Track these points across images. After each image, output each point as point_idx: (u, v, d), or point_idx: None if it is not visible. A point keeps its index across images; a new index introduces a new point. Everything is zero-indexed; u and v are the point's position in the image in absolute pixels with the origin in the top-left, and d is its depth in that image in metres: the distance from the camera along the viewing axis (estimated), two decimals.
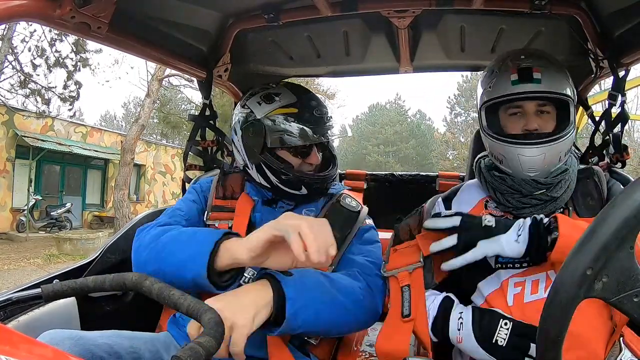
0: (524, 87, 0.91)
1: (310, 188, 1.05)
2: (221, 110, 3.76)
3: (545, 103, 0.94)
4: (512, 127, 0.96)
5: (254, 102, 1.08)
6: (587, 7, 1.14)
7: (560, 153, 0.93)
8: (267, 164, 1.04)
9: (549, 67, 0.94)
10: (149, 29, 1.18)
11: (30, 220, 10.57)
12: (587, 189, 0.98)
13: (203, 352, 0.53)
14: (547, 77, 0.92)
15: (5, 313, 0.88)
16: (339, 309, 0.86)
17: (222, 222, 1.05)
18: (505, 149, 0.95)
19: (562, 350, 0.45)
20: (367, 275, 0.95)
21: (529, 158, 0.92)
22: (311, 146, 1.05)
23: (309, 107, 1.05)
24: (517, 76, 0.92)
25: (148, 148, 14.32)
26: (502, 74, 0.95)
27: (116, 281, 0.77)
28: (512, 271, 0.91)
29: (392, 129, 36.50)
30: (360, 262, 0.98)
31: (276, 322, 0.77)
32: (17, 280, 5.79)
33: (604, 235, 0.41)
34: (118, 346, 0.86)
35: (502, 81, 0.94)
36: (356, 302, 0.89)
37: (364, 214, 1.10)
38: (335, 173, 1.12)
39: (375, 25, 1.33)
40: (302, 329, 0.81)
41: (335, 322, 0.87)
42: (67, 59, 9.44)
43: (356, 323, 0.92)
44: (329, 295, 0.85)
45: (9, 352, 0.40)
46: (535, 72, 0.91)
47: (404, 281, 0.94)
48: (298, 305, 0.77)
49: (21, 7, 0.77)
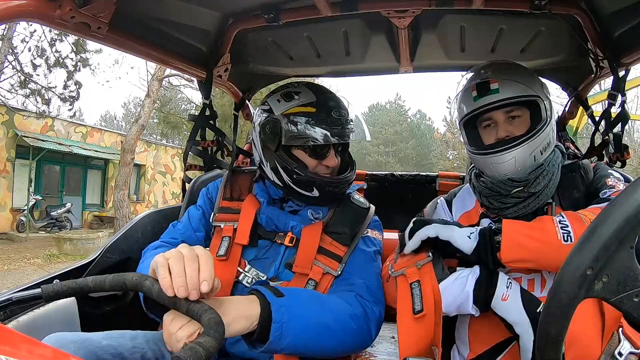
0: (483, 100, 0.98)
1: (322, 190, 1.03)
2: (221, 110, 3.76)
3: (512, 109, 0.98)
4: (487, 139, 1.02)
5: (274, 99, 1.07)
6: (587, 7, 1.14)
7: (534, 152, 0.96)
8: (281, 162, 1.03)
9: (506, 74, 0.98)
10: (149, 29, 1.18)
11: (30, 220, 10.56)
12: (573, 182, 1.00)
13: (203, 352, 0.53)
14: (505, 85, 0.96)
15: (5, 313, 0.88)
16: (328, 335, 0.83)
17: (228, 224, 1.05)
18: (479, 160, 1.01)
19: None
20: (365, 300, 0.93)
21: (500, 165, 0.97)
22: (328, 148, 1.03)
23: (327, 107, 1.02)
24: (476, 92, 0.99)
25: (148, 148, 14.32)
26: (466, 91, 1.03)
27: (116, 281, 0.77)
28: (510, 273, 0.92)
29: (392, 129, 36.51)
30: (359, 285, 0.96)
31: (259, 339, 0.76)
32: (17, 280, 5.79)
33: (605, 235, 0.41)
34: (121, 347, 0.87)
35: (466, 99, 1.02)
36: (348, 329, 0.86)
37: (372, 210, 1.11)
38: (352, 178, 1.09)
39: (375, 25, 1.33)
40: (286, 352, 0.79)
41: (323, 347, 0.84)
42: (67, 59, 9.46)
43: (345, 350, 0.90)
44: (319, 320, 0.82)
45: (9, 352, 0.40)
46: (493, 84, 0.97)
47: (413, 277, 0.92)
48: (284, 329, 0.75)
49: (21, 7, 0.77)
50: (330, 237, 1.02)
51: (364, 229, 1.06)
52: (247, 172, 1.20)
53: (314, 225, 1.03)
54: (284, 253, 1.02)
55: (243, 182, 1.15)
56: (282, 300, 0.78)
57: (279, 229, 1.05)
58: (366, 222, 1.07)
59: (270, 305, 0.76)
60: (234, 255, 1.02)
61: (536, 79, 1.01)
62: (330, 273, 0.98)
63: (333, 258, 1.00)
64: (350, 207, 1.09)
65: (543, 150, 0.97)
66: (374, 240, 1.07)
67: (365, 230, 1.06)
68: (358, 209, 1.09)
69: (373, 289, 0.97)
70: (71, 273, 1.16)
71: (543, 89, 1.00)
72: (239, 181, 1.16)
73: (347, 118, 1.04)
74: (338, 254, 1.00)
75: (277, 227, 1.05)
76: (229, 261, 1.01)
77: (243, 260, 1.03)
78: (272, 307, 0.75)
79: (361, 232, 1.05)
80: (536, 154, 0.96)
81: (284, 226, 1.04)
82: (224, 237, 1.04)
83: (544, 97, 0.98)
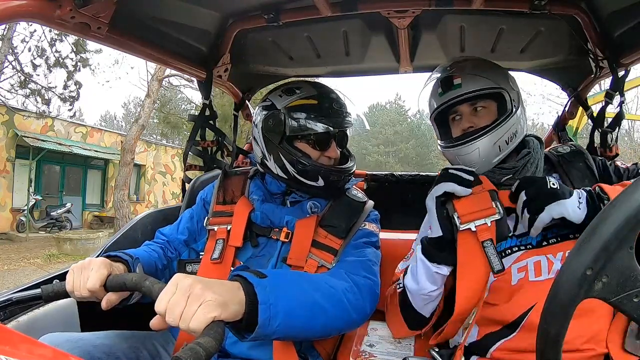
0: (447, 96, 1.03)
1: (327, 180, 1.05)
2: (221, 110, 3.76)
3: (477, 101, 1.01)
4: (455, 131, 1.06)
5: (275, 95, 1.09)
6: (587, 7, 1.14)
7: (498, 142, 0.98)
8: (285, 153, 1.04)
9: (468, 69, 1.03)
10: (149, 29, 1.18)
11: (30, 220, 10.56)
12: (582, 172, 1.00)
13: (203, 352, 0.53)
14: (467, 79, 1.01)
15: (5, 313, 0.88)
16: (320, 313, 0.80)
17: (221, 227, 1.07)
18: (447, 153, 1.06)
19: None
20: (354, 275, 0.92)
21: (464, 156, 1.00)
22: (330, 139, 1.06)
23: (328, 99, 1.07)
24: (441, 88, 1.04)
25: (148, 148, 14.32)
26: (433, 88, 1.09)
27: (116, 281, 0.78)
28: (512, 257, 0.91)
29: (392, 129, 36.51)
30: (349, 261, 0.97)
31: (248, 327, 0.70)
32: (17, 280, 5.79)
33: (604, 235, 0.41)
34: (116, 347, 0.87)
35: (434, 95, 1.08)
36: (339, 304, 0.84)
37: (369, 205, 1.12)
38: (353, 168, 1.12)
39: (375, 25, 1.33)
40: (277, 335, 0.73)
41: (316, 327, 0.80)
42: (67, 59, 9.46)
43: (339, 327, 0.88)
44: (308, 298, 0.78)
45: (9, 352, 0.40)
46: (455, 79, 1.02)
47: (484, 235, 0.86)
48: (272, 310, 0.70)
49: (21, 7, 0.77)
50: (325, 230, 1.02)
51: (361, 222, 1.07)
52: (240, 173, 1.21)
53: (308, 218, 1.04)
54: (280, 248, 1.03)
55: (236, 184, 1.17)
56: (265, 280, 0.72)
57: (274, 225, 1.06)
58: (363, 215, 1.08)
59: (254, 287, 0.70)
60: (227, 257, 1.03)
61: (500, 72, 1.04)
62: (325, 266, 0.98)
63: (328, 251, 1.00)
64: (346, 201, 1.10)
65: (509, 140, 0.99)
66: (370, 233, 1.07)
67: (362, 223, 1.07)
68: (354, 202, 1.10)
69: (365, 264, 0.97)
70: None
71: (509, 81, 1.03)
72: (231, 184, 1.17)
73: (346, 110, 1.09)
74: (333, 247, 1.01)
75: (272, 222, 1.06)
76: (222, 264, 1.02)
77: (238, 261, 1.04)
78: (256, 288, 0.69)
79: (357, 225, 1.05)
80: (500, 143, 0.98)
81: (279, 221, 1.05)
82: (217, 240, 1.05)
83: (509, 89, 1.01)
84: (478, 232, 0.87)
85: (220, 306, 0.62)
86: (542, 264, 0.89)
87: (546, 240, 0.91)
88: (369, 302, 0.92)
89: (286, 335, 0.77)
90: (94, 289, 0.77)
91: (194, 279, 0.65)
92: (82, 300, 0.81)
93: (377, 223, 1.12)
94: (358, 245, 1.03)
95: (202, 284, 0.64)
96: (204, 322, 0.60)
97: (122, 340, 0.90)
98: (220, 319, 0.62)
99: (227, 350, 0.96)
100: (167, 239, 1.14)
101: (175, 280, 0.65)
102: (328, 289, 0.84)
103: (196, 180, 1.49)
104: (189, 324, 0.60)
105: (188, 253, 1.13)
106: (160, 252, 1.08)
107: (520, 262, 0.91)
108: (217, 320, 0.61)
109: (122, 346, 0.88)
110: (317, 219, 1.04)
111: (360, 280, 0.92)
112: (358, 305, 0.88)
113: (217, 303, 0.62)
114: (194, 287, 0.63)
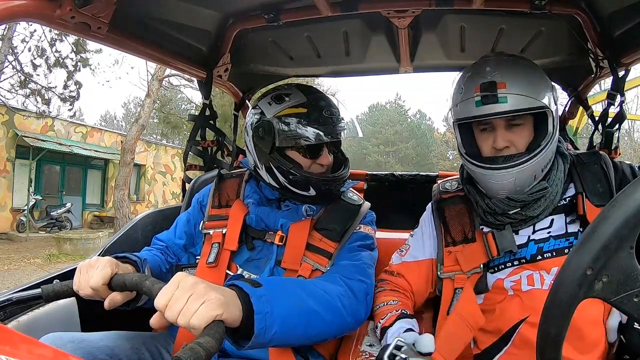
0: (487, 108, 0.86)
1: (319, 189, 1.04)
2: (221, 110, 3.76)
3: (515, 117, 0.88)
4: (484, 144, 0.93)
5: (265, 102, 1.08)
6: (587, 7, 1.14)
7: (535, 172, 0.88)
8: (276, 164, 1.03)
9: (516, 78, 0.86)
10: (149, 29, 1.18)
11: (31, 220, 10.56)
12: (596, 174, 0.93)
13: (203, 352, 0.53)
14: (514, 90, 0.85)
15: (5, 313, 0.87)
16: (316, 319, 0.81)
17: (217, 230, 1.07)
18: (475, 171, 0.92)
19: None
20: (348, 279, 0.92)
21: (497, 183, 0.88)
22: (321, 147, 1.04)
23: (318, 107, 1.04)
24: (480, 97, 0.86)
25: (148, 148, 14.30)
26: (467, 91, 0.90)
27: (116, 281, 0.78)
28: (505, 272, 0.92)
29: (392, 129, 36.50)
30: (344, 265, 0.97)
31: (245, 336, 0.71)
32: (17, 280, 5.79)
33: (604, 235, 0.41)
34: (118, 348, 0.87)
35: (467, 101, 0.89)
36: (334, 309, 0.84)
37: (365, 207, 1.11)
38: (347, 175, 1.10)
39: (375, 25, 1.33)
40: (274, 343, 0.75)
41: (311, 333, 0.82)
42: (67, 59, 9.44)
43: (335, 332, 0.88)
44: (303, 305, 0.79)
45: (9, 352, 0.40)
46: (500, 89, 0.85)
47: (459, 284, 0.94)
48: (268, 320, 0.71)
49: (21, 7, 0.77)
50: (320, 233, 1.02)
51: (356, 225, 1.06)
52: (235, 176, 1.21)
53: (302, 222, 1.04)
54: (276, 252, 1.03)
55: (231, 187, 1.17)
56: (260, 290, 0.72)
57: (268, 228, 1.05)
58: (358, 218, 1.07)
59: (250, 297, 0.70)
60: (222, 261, 1.03)
61: (547, 84, 0.91)
62: (319, 270, 0.98)
63: (322, 255, 1.00)
64: (341, 204, 1.09)
65: (545, 167, 0.89)
66: (365, 236, 1.07)
67: (357, 226, 1.06)
68: (349, 205, 1.09)
69: (360, 267, 0.97)
70: (71, 273, 1.15)
71: (553, 92, 0.91)
72: (227, 187, 1.17)
73: (338, 116, 1.06)
74: (328, 251, 1.01)
75: (266, 225, 1.06)
76: (218, 267, 1.02)
77: (234, 264, 1.04)
78: (252, 298, 0.70)
79: (352, 228, 1.05)
80: (537, 172, 0.88)
81: (274, 224, 1.05)
82: (213, 244, 1.05)
83: (552, 107, 0.88)
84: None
85: (223, 306, 0.63)
86: (534, 277, 0.89)
87: (541, 255, 0.89)
88: (364, 306, 0.93)
89: (283, 343, 0.79)
90: (96, 287, 0.78)
91: (197, 278, 0.67)
92: (88, 298, 0.81)
93: (373, 225, 1.12)
94: (353, 249, 1.02)
95: (205, 283, 0.66)
96: (207, 319, 0.61)
97: (125, 342, 0.90)
98: (222, 318, 0.62)
99: (227, 350, 0.96)
100: (166, 244, 1.13)
101: (177, 278, 0.66)
102: (323, 294, 0.85)
103: (196, 180, 1.49)
104: (190, 320, 0.61)
105: (187, 258, 1.13)
106: (162, 256, 1.08)
107: (514, 277, 0.91)
108: (218, 320, 0.61)
109: (124, 347, 0.88)
110: (312, 222, 1.03)
111: (354, 285, 0.92)
112: (353, 310, 0.89)
113: (220, 302, 0.63)
114: (197, 285, 0.64)
